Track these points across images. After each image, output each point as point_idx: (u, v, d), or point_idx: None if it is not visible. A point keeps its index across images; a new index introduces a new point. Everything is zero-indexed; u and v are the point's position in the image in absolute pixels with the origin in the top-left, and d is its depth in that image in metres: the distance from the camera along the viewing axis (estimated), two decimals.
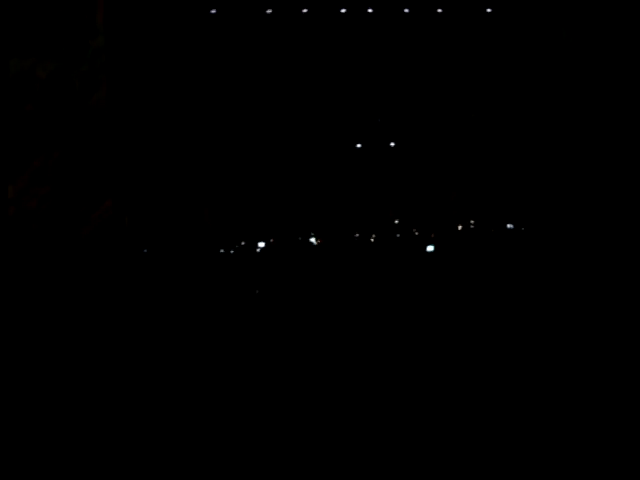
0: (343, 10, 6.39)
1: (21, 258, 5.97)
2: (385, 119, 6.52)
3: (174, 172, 6.35)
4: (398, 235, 6.48)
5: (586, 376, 4.04)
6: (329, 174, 6.49)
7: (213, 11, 6.34)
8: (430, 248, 6.40)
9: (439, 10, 6.39)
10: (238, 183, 6.44)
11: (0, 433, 3.44)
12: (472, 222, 6.51)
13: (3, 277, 5.84)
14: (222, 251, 6.26)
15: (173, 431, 3.49)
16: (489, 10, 6.41)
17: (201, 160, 6.39)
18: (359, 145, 6.51)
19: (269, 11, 6.36)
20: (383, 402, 3.80)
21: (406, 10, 6.40)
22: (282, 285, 5.86)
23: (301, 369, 4.34)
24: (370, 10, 6.41)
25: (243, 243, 6.36)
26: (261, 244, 6.35)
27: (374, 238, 6.44)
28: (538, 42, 6.47)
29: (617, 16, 6.33)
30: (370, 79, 6.50)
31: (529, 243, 6.25)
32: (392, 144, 6.53)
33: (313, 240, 6.39)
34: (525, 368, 4.27)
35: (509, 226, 6.49)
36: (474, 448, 3.20)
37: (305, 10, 6.38)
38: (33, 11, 6.10)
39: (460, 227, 6.51)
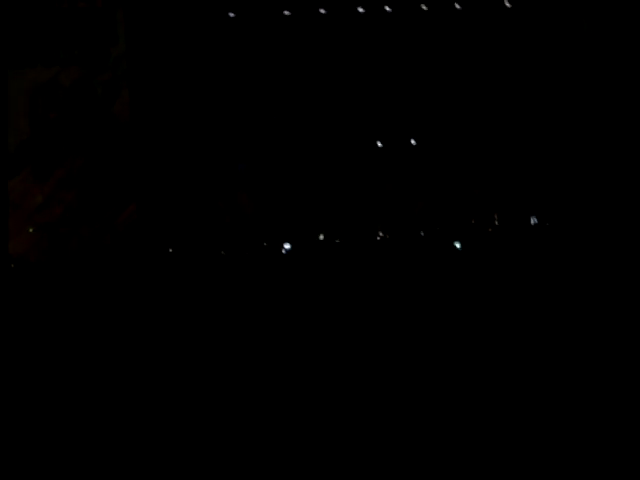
0: (361, 9, 6.39)
1: (48, 262, 6.08)
2: (405, 119, 6.50)
3: (194, 175, 6.41)
4: (422, 233, 6.46)
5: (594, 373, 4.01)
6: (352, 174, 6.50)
7: (231, 14, 6.38)
8: (457, 245, 6.37)
9: (457, 6, 6.36)
10: (260, 184, 6.47)
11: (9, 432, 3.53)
12: (495, 218, 6.47)
13: (31, 283, 5.95)
14: (245, 252, 6.30)
15: (191, 429, 3.54)
16: (508, 5, 6.36)
17: (221, 162, 6.44)
18: (380, 144, 6.51)
19: (287, 12, 6.38)
20: (399, 399, 3.82)
21: (424, 7, 6.37)
22: (304, 284, 5.88)
23: (325, 367, 4.37)
24: (388, 9, 6.39)
25: (265, 244, 6.40)
26: (287, 245, 6.38)
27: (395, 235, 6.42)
28: (558, 38, 6.39)
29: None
30: (391, 78, 6.48)
31: (551, 238, 6.18)
32: (413, 142, 6.51)
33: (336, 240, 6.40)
34: (540, 366, 4.26)
35: (533, 221, 6.43)
36: (481, 448, 3.20)
37: (323, 10, 6.39)
38: (57, 20, 6.20)
39: (483, 223, 6.47)
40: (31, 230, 6.15)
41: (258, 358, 4.72)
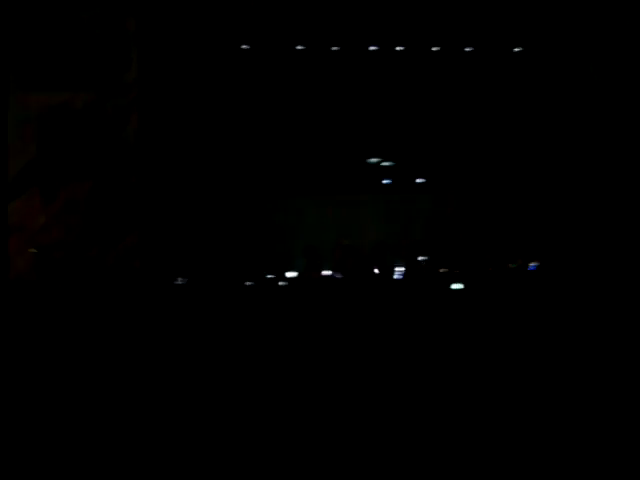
0: (373, 48, 6.47)
1: (46, 285, 6.02)
2: (413, 155, 6.55)
3: (200, 205, 6.40)
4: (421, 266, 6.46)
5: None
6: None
7: (245, 46, 6.45)
8: (456, 286, 6.37)
9: (467, 49, 6.46)
10: (265, 214, 6.48)
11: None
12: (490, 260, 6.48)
13: (28, 303, 5.89)
14: (247, 283, 6.27)
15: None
16: (517, 49, 6.46)
17: (228, 194, 6.44)
18: (386, 181, 6.54)
19: (299, 47, 6.46)
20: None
21: (435, 48, 6.46)
22: (306, 315, 5.85)
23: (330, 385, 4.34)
24: (400, 48, 6.48)
25: (270, 276, 6.37)
26: (289, 274, 6.36)
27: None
28: (565, 80, 6.49)
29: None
30: (397, 115, 6.54)
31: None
32: (418, 180, 6.55)
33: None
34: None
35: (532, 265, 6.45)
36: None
37: (335, 48, 6.47)
38: (72, 46, 6.24)
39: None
40: (32, 251, 6.11)
41: (251, 385, 4.68)
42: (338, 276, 6.37)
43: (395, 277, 6.45)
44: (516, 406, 4.15)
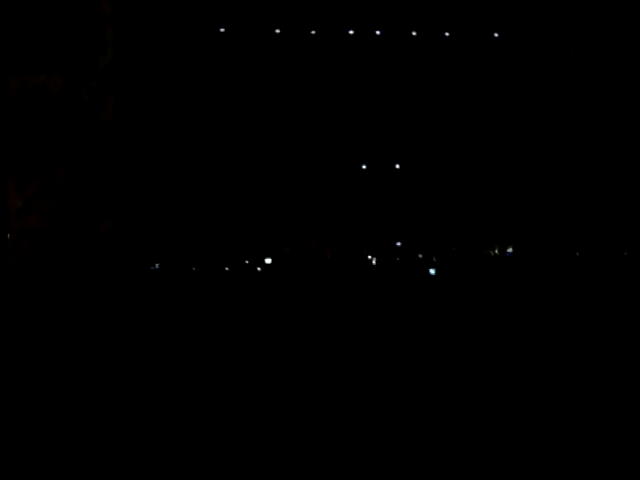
0: (351, 32, 6.44)
1: (22, 273, 5.98)
2: (391, 141, 6.55)
3: (178, 189, 6.37)
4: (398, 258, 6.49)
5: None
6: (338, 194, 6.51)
7: (222, 30, 6.39)
8: (432, 271, 6.40)
9: (446, 34, 6.44)
10: (244, 201, 6.46)
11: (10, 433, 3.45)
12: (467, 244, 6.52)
13: (3, 292, 5.85)
14: (227, 269, 6.26)
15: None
16: (496, 35, 6.46)
17: (206, 177, 6.41)
18: (364, 166, 6.54)
19: (277, 31, 6.41)
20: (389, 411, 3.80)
21: (414, 33, 6.44)
22: (289, 301, 5.86)
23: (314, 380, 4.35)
24: (378, 32, 6.45)
25: (247, 262, 6.36)
26: (267, 260, 6.36)
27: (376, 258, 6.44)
28: (545, 65, 6.50)
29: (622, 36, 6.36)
30: (376, 101, 6.53)
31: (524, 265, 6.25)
32: (397, 166, 6.55)
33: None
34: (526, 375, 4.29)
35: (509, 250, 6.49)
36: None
37: (314, 32, 6.43)
38: (45, 27, 6.15)
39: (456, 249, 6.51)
40: (9, 236, 6.05)
41: (237, 375, 4.67)
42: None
43: (374, 263, 6.48)
44: (503, 399, 4.18)
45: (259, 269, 6.34)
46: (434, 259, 6.52)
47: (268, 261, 6.33)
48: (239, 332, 5.36)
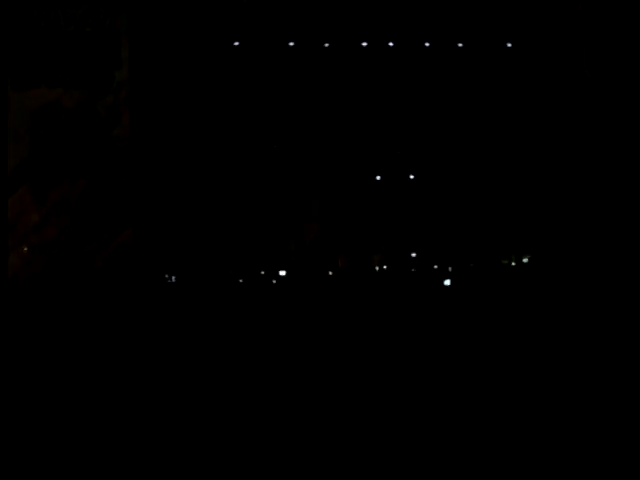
0: (364, 43, 6.46)
1: (37, 286, 6.05)
2: (404, 151, 6.55)
3: (194, 201, 6.42)
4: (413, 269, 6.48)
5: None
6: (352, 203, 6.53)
7: (236, 43, 6.44)
8: (447, 282, 6.39)
9: (460, 44, 6.43)
10: (258, 212, 6.49)
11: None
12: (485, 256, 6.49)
13: (19, 306, 5.92)
14: (241, 280, 6.29)
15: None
16: (509, 45, 6.44)
17: (221, 190, 6.45)
18: (378, 177, 6.54)
19: (291, 44, 6.44)
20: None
21: (427, 44, 6.44)
22: (301, 313, 5.88)
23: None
24: (391, 44, 6.47)
25: (263, 272, 6.39)
26: (282, 272, 6.38)
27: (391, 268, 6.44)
28: (559, 77, 6.47)
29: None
30: (389, 112, 6.54)
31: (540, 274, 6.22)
32: (411, 177, 6.55)
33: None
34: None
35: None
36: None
37: (327, 44, 6.46)
38: (63, 43, 6.24)
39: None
40: (25, 249, 6.13)
41: (248, 387, 4.70)
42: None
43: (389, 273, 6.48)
44: (509, 404, 4.17)
45: (274, 281, 6.37)
46: (449, 269, 6.50)
47: (282, 273, 6.35)
48: (252, 343, 5.38)
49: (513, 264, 6.54)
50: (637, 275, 6.12)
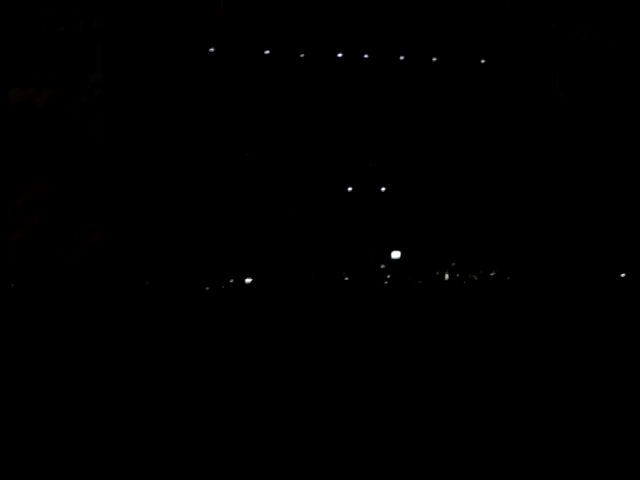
0: (340, 55, 6.48)
1: (5, 288, 5.98)
2: (377, 163, 6.58)
3: (166, 207, 6.38)
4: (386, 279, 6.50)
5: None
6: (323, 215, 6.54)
7: (212, 49, 6.43)
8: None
9: (434, 59, 6.49)
10: (230, 220, 6.47)
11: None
12: (453, 266, 6.54)
13: None
14: (207, 288, 6.27)
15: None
16: (483, 61, 6.51)
17: (193, 197, 6.43)
18: (350, 189, 6.57)
19: (267, 52, 6.45)
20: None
21: (401, 57, 6.49)
22: (272, 320, 5.86)
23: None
24: (366, 55, 6.50)
25: (232, 280, 6.37)
26: (248, 280, 6.36)
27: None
28: (530, 93, 6.55)
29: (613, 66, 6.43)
30: (363, 123, 6.57)
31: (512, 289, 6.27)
32: (383, 189, 6.58)
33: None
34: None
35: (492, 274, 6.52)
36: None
37: (302, 55, 6.47)
38: (36, 42, 6.18)
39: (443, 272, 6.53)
40: None
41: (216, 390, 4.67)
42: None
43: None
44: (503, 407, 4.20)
45: (241, 287, 6.35)
46: (419, 282, 6.54)
47: (248, 280, 6.33)
48: (219, 342, 5.36)
49: (477, 277, 6.59)
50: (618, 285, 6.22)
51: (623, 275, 6.44)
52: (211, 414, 4.10)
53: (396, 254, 6.54)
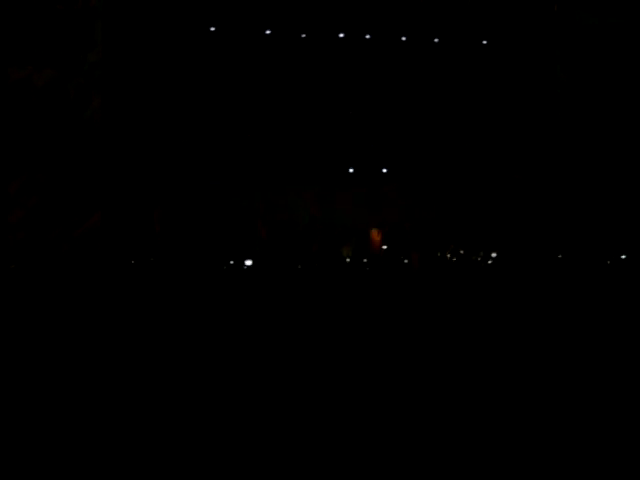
0: (341, 35, 6.43)
1: (5, 266, 5.93)
2: (379, 145, 6.55)
3: (166, 188, 6.34)
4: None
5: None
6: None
7: (212, 29, 6.37)
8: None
9: (436, 40, 6.45)
10: (230, 198, 6.44)
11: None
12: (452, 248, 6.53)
13: None
14: (207, 267, 6.24)
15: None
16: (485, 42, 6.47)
17: (192, 177, 6.39)
18: (351, 170, 6.54)
19: (268, 32, 6.39)
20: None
21: (403, 38, 6.44)
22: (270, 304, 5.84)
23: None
24: (368, 36, 6.45)
25: (232, 262, 6.34)
26: (248, 262, 6.33)
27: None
28: (531, 76, 6.52)
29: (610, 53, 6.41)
30: (364, 104, 6.53)
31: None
32: (384, 170, 6.55)
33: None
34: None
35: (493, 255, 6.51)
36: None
37: (304, 35, 6.41)
38: (34, 21, 6.10)
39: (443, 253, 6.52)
40: None
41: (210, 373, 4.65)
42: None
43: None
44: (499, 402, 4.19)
45: (241, 268, 6.33)
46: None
47: (248, 263, 6.30)
48: (219, 328, 5.33)
49: (479, 259, 6.58)
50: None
51: (623, 257, 6.44)
52: (211, 410, 4.07)
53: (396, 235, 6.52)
